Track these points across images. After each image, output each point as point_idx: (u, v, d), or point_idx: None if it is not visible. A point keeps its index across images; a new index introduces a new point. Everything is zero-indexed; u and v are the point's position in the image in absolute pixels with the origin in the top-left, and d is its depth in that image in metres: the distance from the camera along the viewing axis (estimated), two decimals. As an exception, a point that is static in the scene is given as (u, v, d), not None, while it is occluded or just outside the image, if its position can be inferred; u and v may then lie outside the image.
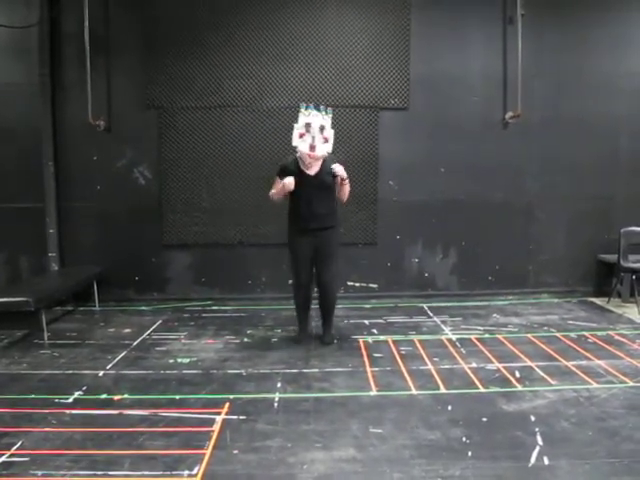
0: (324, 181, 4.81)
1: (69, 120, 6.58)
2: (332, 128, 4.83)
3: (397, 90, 6.61)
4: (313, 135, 4.68)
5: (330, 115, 4.81)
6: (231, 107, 6.55)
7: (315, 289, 5.16)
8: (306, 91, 6.54)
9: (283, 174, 4.84)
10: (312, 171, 4.83)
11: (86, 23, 6.24)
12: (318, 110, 4.74)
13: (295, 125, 4.75)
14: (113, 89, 6.57)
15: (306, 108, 4.76)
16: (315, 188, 4.79)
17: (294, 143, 4.75)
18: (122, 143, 6.57)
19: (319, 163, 4.83)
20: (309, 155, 4.72)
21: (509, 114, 6.66)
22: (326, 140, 4.75)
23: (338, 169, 4.76)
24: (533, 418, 3.47)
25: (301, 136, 4.71)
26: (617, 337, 5.21)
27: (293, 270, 5.07)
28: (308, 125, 4.68)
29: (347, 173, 4.81)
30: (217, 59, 6.49)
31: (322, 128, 4.70)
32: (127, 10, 6.50)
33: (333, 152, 4.93)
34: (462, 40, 6.66)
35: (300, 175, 4.79)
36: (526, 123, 6.61)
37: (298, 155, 4.83)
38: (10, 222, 6.62)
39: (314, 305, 5.30)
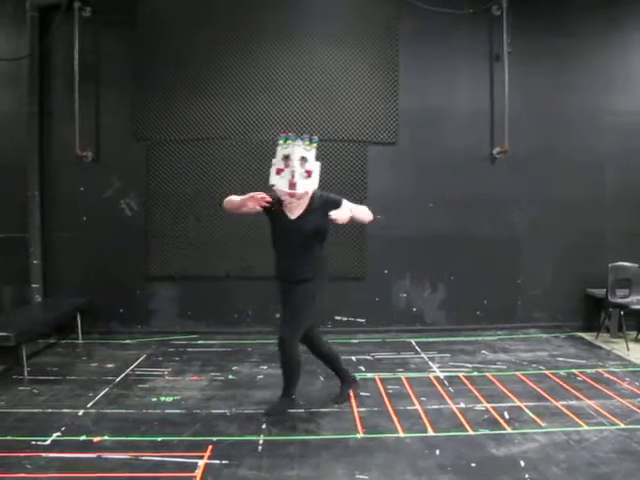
0: (304, 227, 3.95)
1: (56, 150, 6.57)
2: (318, 160, 4.02)
3: (385, 125, 6.65)
4: (293, 169, 3.84)
5: (315, 144, 3.97)
6: (219, 140, 6.55)
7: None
8: (295, 125, 6.54)
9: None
10: (293, 214, 4.02)
11: (76, 55, 6.29)
12: (301, 139, 3.92)
13: (273, 161, 3.98)
14: (101, 120, 6.58)
15: (285, 140, 3.93)
16: (293, 234, 3.99)
17: (271, 181, 3.95)
18: (109, 174, 6.55)
19: (304, 203, 4.00)
20: (289, 194, 3.91)
21: (497, 149, 6.70)
22: (309, 174, 3.88)
23: (336, 216, 3.80)
24: (523, 463, 3.39)
25: (279, 172, 3.90)
26: (607, 375, 5.16)
27: None
28: (287, 158, 3.88)
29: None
30: (206, 92, 6.51)
31: (303, 160, 3.88)
32: (117, 43, 6.54)
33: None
34: (450, 76, 6.75)
35: (278, 216, 4.05)
36: (514, 158, 6.67)
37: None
38: (-6, 252, 6.53)
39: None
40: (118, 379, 5.05)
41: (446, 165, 6.70)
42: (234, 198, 4.07)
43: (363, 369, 5.37)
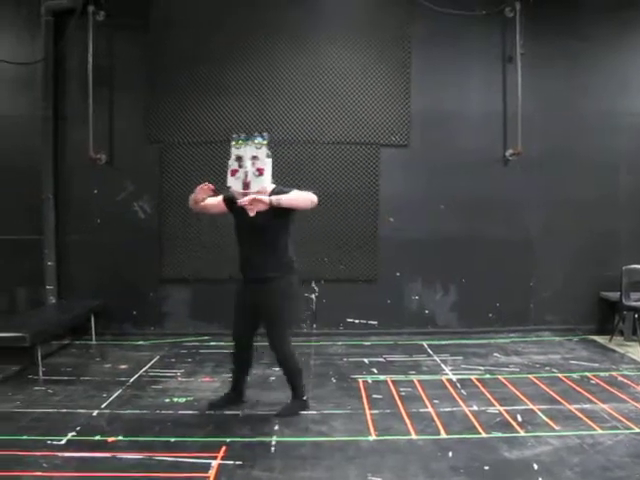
0: (264, 224, 3.99)
1: (70, 153, 6.65)
2: (269, 157, 4.06)
3: (397, 127, 6.66)
4: (246, 170, 3.96)
5: (265, 142, 4.03)
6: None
7: None
8: (307, 127, 6.60)
9: (228, 202, 4.19)
10: (252, 211, 4.03)
11: (90, 59, 6.36)
12: (250, 139, 4.02)
13: (228, 162, 4.06)
14: (115, 123, 6.64)
15: (237, 140, 4.05)
16: (253, 229, 4.05)
17: (228, 183, 4.05)
18: (123, 177, 6.60)
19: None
20: (243, 194, 3.97)
21: (509, 151, 6.69)
22: (261, 172, 3.97)
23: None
24: (536, 466, 3.37)
25: (233, 173, 4.00)
26: (620, 378, 5.12)
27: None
28: (240, 159, 3.98)
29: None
30: (219, 95, 6.56)
31: (255, 159, 3.98)
32: (130, 46, 6.61)
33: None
34: (462, 78, 6.75)
35: (241, 215, 4.09)
36: (526, 160, 6.63)
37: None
38: (9, 254, 6.62)
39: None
40: (131, 380, 5.09)
41: (458, 167, 6.69)
42: (191, 196, 4.16)
43: (375, 371, 5.37)
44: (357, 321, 6.75)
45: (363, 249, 6.64)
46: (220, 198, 4.23)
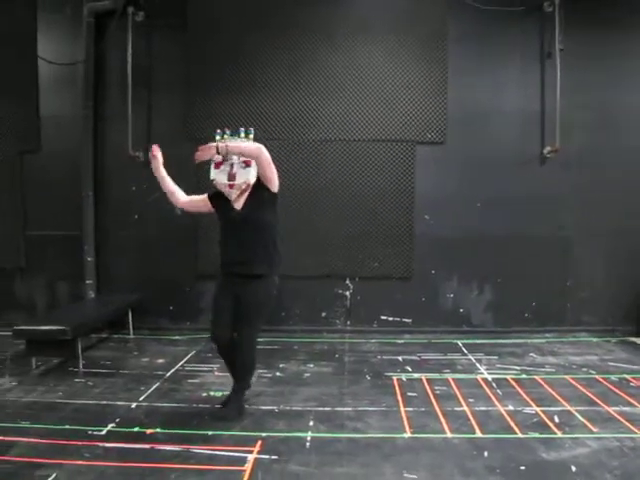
0: (249, 217, 4.03)
1: (110, 151, 6.79)
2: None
3: (434, 124, 6.62)
4: (232, 162, 3.98)
5: (251, 136, 4.08)
6: (270, 140, 6.58)
7: None
8: (344, 125, 6.61)
9: (213, 198, 4.21)
10: (238, 204, 4.10)
11: (129, 59, 6.48)
12: (235, 134, 4.10)
13: (212, 157, 4.08)
14: (153, 122, 6.75)
15: (222, 135, 4.10)
16: (239, 224, 4.04)
17: (211, 176, 4.09)
18: (160, 174, 6.68)
19: (246, 195, 4.09)
20: (229, 186, 4.02)
21: (547, 149, 6.58)
22: (247, 164, 3.98)
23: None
24: (574, 468, 3.33)
25: (217, 166, 4.04)
26: (661, 381, 5.01)
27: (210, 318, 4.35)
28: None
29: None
30: (256, 93, 6.62)
31: None
32: (169, 46, 6.72)
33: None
34: (500, 75, 6.67)
35: (225, 205, 4.12)
36: (564, 157, 6.52)
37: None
38: (50, 249, 6.81)
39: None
40: (168, 374, 5.19)
41: (495, 165, 6.62)
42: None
43: (410, 369, 5.36)
44: (391, 319, 6.73)
45: (398, 246, 6.63)
46: (205, 196, 4.25)
